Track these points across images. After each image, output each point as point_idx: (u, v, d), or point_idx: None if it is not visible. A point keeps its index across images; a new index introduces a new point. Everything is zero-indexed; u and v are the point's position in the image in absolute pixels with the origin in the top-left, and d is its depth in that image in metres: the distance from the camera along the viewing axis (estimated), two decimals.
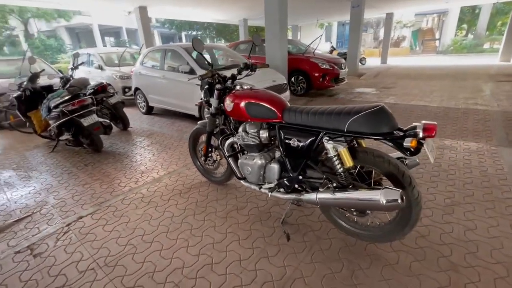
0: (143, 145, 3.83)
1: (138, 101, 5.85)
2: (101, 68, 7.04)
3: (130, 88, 6.37)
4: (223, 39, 25.70)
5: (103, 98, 4.27)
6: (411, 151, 1.29)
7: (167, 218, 2.08)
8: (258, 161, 1.81)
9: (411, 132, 1.28)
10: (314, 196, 1.54)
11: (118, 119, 4.52)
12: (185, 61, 4.53)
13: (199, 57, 4.58)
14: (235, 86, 2.08)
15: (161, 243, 1.80)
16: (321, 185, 1.59)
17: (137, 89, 5.66)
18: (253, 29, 18.86)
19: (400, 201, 1.22)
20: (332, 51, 13.86)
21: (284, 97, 4.28)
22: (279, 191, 1.79)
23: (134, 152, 3.57)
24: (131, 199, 2.38)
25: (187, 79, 4.14)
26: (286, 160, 1.72)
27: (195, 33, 31.22)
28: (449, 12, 20.20)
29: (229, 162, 2.05)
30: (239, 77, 2.15)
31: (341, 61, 6.49)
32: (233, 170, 2.03)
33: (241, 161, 1.93)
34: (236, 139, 1.95)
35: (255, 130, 1.82)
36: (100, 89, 4.24)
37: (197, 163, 2.61)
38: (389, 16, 13.42)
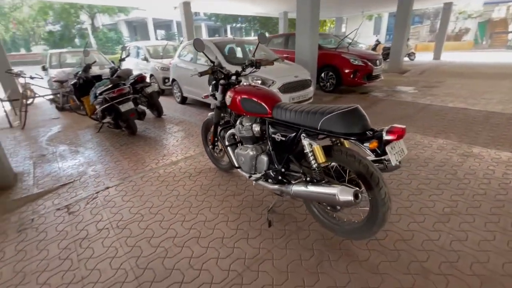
0: (171, 131, 4.25)
1: (174, 91, 6.38)
2: (146, 59, 7.78)
3: (169, 79, 6.95)
4: (266, 32, 25.74)
5: (142, 87, 4.80)
6: (377, 153, 1.33)
7: (173, 196, 2.38)
8: (250, 152, 1.98)
9: (378, 134, 1.32)
10: (290, 188, 1.66)
11: (153, 107, 5.04)
12: (214, 55, 4.80)
13: (229, 52, 4.85)
14: (239, 81, 2.25)
15: (163, 215, 2.11)
16: (299, 179, 1.70)
17: (173, 80, 6.17)
18: (293, 22, 18.56)
19: (353, 199, 1.28)
20: (377, 45, 13.01)
21: (307, 93, 4.39)
22: (266, 181, 1.93)
23: (161, 137, 4.00)
24: (149, 177, 2.75)
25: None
26: (272, 153, 1.85)
27: (239, 26, 31.75)
28: None
29: (227, 151, 2.25)
30: (243, 73, 2.31)
31: (377, 57, 6.15)
32: (230, 158, 2.23)
33: (237, 151, 2.12)
34: (235, 130, 2.14)
35: (249, 123, 1.98)
36: (139, 79, 4.77)
37: (207, 150, 2.87)
38: (447, 6, 12.00)
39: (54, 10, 20.44)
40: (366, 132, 1.40)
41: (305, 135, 1.57)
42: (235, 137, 2.24)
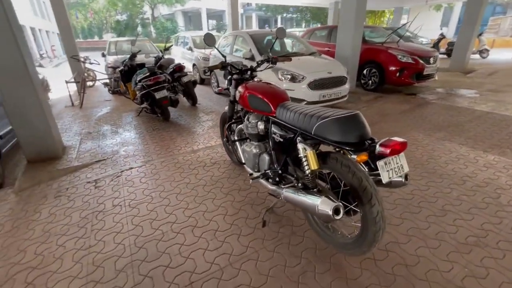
0: (200, 120, 4.43)
1: (212, 81, 6.59)
2: (191, 49, 8.17)
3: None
4: (318, 23, 24.70)
5: (179, 76, 5.07)
6: (369, 166, 1.20)
7: (184, 183, 2.50)
8: (253, 150, 1.96)
9: (373, 146, 1.18)
10: (281, 191, 1.60)
11: (189, 96, 5.30)
12: (249, 47, 4.80)
13: (259, 45, 4.80)
14: (253, 77, 2.22)
15: (169, 201, 2.24)
16: (293, 182, 1.63)
17: (211, 70, 6.36)
18: None
19: (331, 214, 1.18)
20: (440, 40, 11.49)
21: (340, 91, 4.14)
22: (267, 180, 1.90)
23: (190, 125, 4.20)
24: (168, 162, 2.93)
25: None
26: (273, 153, 1.81)
27: (290, 16, 30.98)
28: None
29: (233, 146, 2.26)
30: (258, 69, 2.27)
31: (431, 53, 5.42)
32: (236, 153, 2.24)
33: (242, 147, 2.12)
34: (243, 126, 2.14)
35: (255, 121, 1.96)
36: (177, 69, 5.05)
37: (224, 142, 2.93)
38: None
39: (122, 1, 22.64)
40: (364, 142, 1.27)
41: (300, 138, 1.49)
42: (243, 132, 2.24)
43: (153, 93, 4.07)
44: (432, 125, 3.79)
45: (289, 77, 3.96)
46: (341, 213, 1.20)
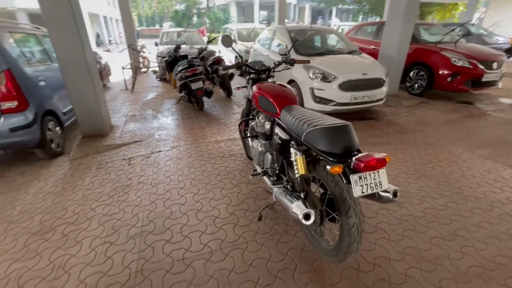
0: (231, 112, 4.65)
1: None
2: (235, 41, 8.40)
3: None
4: (378, 17, 22.88)
5: (217, 68, 5.34)
6: (348, 179, 1.21)
7: (201, 171, 2.74)
8: (259, 148, 2.06)
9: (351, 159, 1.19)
10: (274, 189, 1.69)
11: (224, 87, 5.56)
12: (285, 44, 4.80)
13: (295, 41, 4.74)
14: (268, 77, 2.29)
15: (184, 184, 2.49)
16: (284, 183, 1.70)
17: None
18: None
19: (302, 219, 1.23)
20: None
21: (375, 94, 3.94)
22: (269, 178, 2.00)
23: (220, 116, 4.45)
24: (191, 150, 3.20)
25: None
26: (274, 153, 1.89)
27: (346, 7, 29.20)
28: None
29: (243, 141, 2.39)
30: (276, 69, 2.32)
31: (497, 57, 4.70)
32: (246, 149, 2.36)
33: (251, 143, 2.23)
34: (254, 124, 2.25)
35: (264, 120, 2.05)
36: (216, 61, 5.33)
37: (241, 137, 3.08)
38: None
39: None
40: (351, 153, 1.28)
41: (294, 143, 1.55)
42: (254, 130, 2.34)
43: (190, 83, 4.40)
44: (478, 140, 3.38)
45: (321, 76, 3.88)
46: (311, 219, 1.25)
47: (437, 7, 17.48)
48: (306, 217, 1.24)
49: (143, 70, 8.36)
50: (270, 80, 2.24)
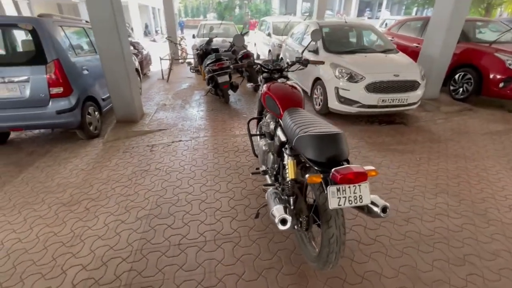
0: (253, 107, 4.70)
1: None
2: (269, 35, 8.35)
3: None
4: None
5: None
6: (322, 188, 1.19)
7: (213, 163, 2.86)
8: (263, 147, 2.09)
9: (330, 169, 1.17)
10: (268, 189, 1.71)
11: (252, 82, 5.61)
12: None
13: (328, 38, 4.56)
14: (284, 77, 2.27)
15: (195, 174, 2.64)
16: (276, 185, 1.71)
17: (281, 59, 6.45)
18: None
19: (278, 222, 1.24)
20: None
21: (407, 97, 3.68)
22: (269, 177, 2.03)
23: (243, 110, 4.53)
24: (208, 142, 3.35)
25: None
26: (274, 154, 1.91)
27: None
28: None
29: (250, 139, 2.43)
30: (290, 69, 2.30)
31: None
32: (252, 147, 2.40)
33: (258, 142, 2.27)
34: (261, 123, 2.27)
35: (270, 120, 2.07)
36: (245, 56, 5.39)
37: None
38: None
39: None
40: (339, 162, 1.26)
41: (287, 146, 1.55)
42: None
43: (216, 77, 4.54)
44: (506, 157, 2.97)
45: (347, 75, 3.71)
46: (287, 225, 1.25)
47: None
48: (282, 221, 1.26)
49: (180, 61, 8.78)
50: (280, 80, 2.22)
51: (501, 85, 4.10)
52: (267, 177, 2.04)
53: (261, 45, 9.37)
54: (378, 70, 3.69)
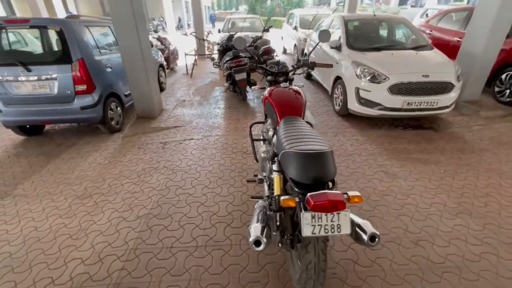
0: None
1: None
2: (296, 28, 8.06)
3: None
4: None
5: (266, 59, 5.27)
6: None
7: (219, 164, 2.86)
8: (261, 154, 2.03)
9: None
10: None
11: None
12: (339, 34, 4.36)
13: (352, 34, 4.26)
14: (290, 80, 2.16)
15: (199, 175, 2.67)
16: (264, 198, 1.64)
17: (305, 54, 6.21)
18: None
19: (252, 243, 1.18)
20: None
21: (437, 100, 3.36)
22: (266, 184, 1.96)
23: (259, 109, 4.46)
24: (218, 142, 3.35)
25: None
26: (270, 162, 1.83)
27: None
28: None
29: (252, 144, 2.36)
30: (296, 71, 2.18)
31: None
32: (253, 152, 2.33)
33: (258, 147, 2.20)
34: (263, 127, 2.20)
35: (270, 126, 1.99)
36: (266, 52, 5.27)
37: None
38: None
39: None
40: (325, 183, 1.16)
41: (275, 160, 1.47)
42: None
43: (234, 74, 4.51)
44: None
45: (370, 75, 3.44)
46: (262, 246, 1.18)
47: None
48: (256, 243, 1.19)
49: (206, 56, 8.89)
50: (282, 85, 2.10)
51: None
52: (264, 184, 1.98)
53: (288, 39, 9.10)
54: (404, 70, 3.36)
